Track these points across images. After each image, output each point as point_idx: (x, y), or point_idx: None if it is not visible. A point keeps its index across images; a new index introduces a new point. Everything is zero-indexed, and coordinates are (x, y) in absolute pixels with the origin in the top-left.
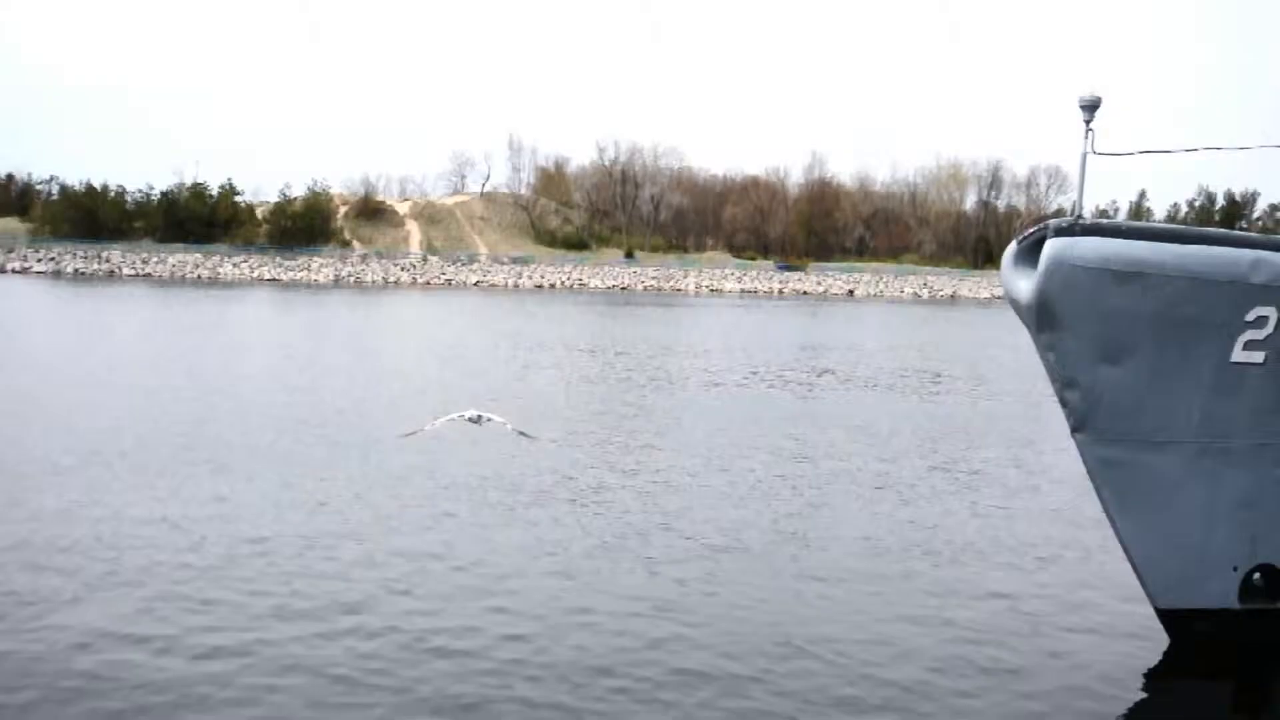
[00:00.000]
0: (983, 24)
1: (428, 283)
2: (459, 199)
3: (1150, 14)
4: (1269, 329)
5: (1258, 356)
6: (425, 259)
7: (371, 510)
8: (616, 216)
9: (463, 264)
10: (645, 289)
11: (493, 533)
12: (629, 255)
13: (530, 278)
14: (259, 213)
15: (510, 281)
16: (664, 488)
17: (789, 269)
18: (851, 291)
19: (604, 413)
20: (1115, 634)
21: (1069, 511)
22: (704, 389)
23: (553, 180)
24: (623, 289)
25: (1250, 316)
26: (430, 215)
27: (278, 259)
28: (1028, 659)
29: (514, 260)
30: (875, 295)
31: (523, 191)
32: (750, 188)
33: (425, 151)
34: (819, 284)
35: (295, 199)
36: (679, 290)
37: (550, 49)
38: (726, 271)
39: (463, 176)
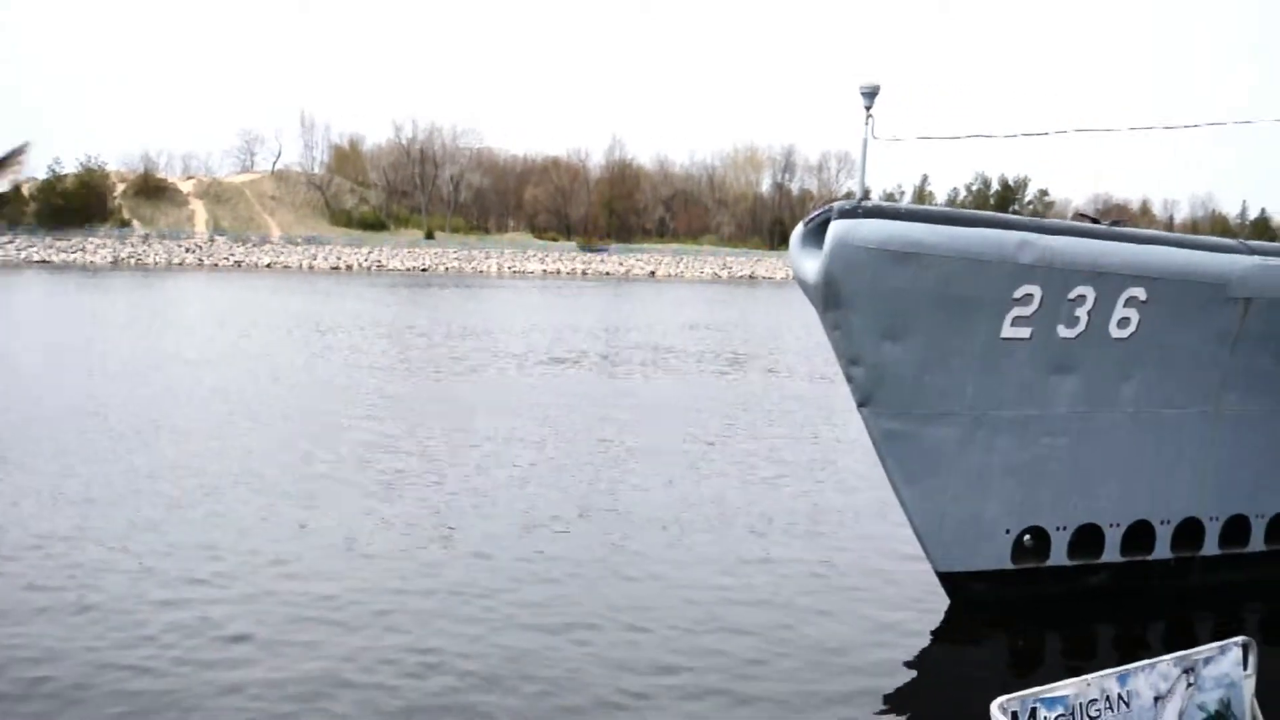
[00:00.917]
0: (775, 9)
1: (215, 264)
2: (248, 177)
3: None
4: (1034, 306)
5: (1024, 332)
6: (212, 239)
7: (162, 500)
8: (415, 197)
9: (254, 245)
10: (447, 271)
11: (289, 522)
12: (429, 236)
13: (326, 259)
14: (25, 190)
15: (305, 263)
16: (468, 469)
17: (591, 250)
18: (653, 272)
19: (404, 395)
20: (899, 596)
21: (857, 482)
22: (507, 371)
23: (348, 159)
24: (423, 270)
25: (1018, 294)
26: (217, 194)
27: (49, 240)
28: (817, 621)
29: (308, 241)
30: (676, 276)
31: (316, 170)
32: (551, 169)
33: (211, 128)
34: (621, 265)
35: (67, 176)
36: (481, 272)
37: (343, 22)
38: (530, 253)
39: (252, 154)
